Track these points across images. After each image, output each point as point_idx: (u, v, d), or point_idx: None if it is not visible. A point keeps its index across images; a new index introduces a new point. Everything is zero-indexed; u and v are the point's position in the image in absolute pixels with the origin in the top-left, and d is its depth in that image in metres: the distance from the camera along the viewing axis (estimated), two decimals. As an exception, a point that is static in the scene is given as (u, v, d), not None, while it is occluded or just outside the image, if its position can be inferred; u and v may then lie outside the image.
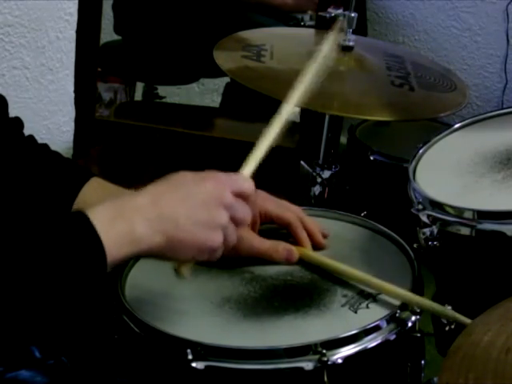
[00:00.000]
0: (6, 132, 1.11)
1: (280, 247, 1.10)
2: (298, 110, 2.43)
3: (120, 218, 0.87)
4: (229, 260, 1.09)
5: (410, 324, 1.00)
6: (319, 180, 1.73)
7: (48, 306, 0.82)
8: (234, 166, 1.01)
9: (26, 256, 0.81)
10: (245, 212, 0.95)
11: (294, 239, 1.13)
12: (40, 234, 0.83)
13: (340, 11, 1.69)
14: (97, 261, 0.84)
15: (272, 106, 1.04)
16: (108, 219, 0.86)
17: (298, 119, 2.31)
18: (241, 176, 0.99)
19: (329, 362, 0.92)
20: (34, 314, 0.82)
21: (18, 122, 1.14)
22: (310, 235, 1.13)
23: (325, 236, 1.16)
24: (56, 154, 1.13)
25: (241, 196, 0.95)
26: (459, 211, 1.11)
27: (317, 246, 1.13)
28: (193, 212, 0.91)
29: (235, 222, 0.94)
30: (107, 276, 0.87)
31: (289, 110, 1.06)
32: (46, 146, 1.14)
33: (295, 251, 1.11)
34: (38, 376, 1.01)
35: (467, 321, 0.96)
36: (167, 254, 0.91)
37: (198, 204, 0.91)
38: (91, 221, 0.84)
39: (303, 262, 1.11)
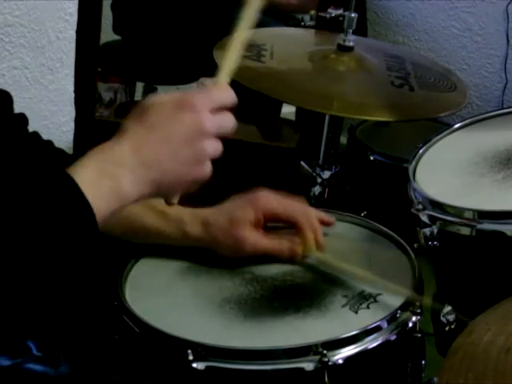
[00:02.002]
0: (11, 128, 1.11)
1: (284, 246, 1.11)
2: (294, 109, 2.43)
3: (105, 176, 0.85)
4: (230, 260, 1.09)
5: (410, 324, 1.00)
6: (319, 180, 1.73)
7: (42, 274, 0.80)
8: (234, 165, 1.00)
9: (13, 224, 0.79)
10: (228, 123, 0.91)
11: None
12: (26, 200, 0.82)
13: (340, 11, 1.69)
14: (86, 222, 0.82)
15: (272, 106, 1.04)
16: (93, 179, 0.84)
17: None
18: (217, 88, 0.94)
19: (329, 363, 0.92)
20: (29, 285, 0.80)
21: (22, 119, 1.14)
22: (314, 234, 1.13)
23: (329, 223, 1.16)
24: (60, 150, 1.13)
25: (222, 108, 0.91)
26: (459, 211, 1.11)
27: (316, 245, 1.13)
28: (176, 152, 0.88)
29: (221, 132, 0.90)
30: (100, 240, 0.85)
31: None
32: (50, 142, 1.14)
33: (299, 250, 1.11)
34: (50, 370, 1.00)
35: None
36: (158, 196, 0.90)
37: (180, 143, 0.88)
38: (76, 182, 0.82)
39: (304, 262, 1.11)
